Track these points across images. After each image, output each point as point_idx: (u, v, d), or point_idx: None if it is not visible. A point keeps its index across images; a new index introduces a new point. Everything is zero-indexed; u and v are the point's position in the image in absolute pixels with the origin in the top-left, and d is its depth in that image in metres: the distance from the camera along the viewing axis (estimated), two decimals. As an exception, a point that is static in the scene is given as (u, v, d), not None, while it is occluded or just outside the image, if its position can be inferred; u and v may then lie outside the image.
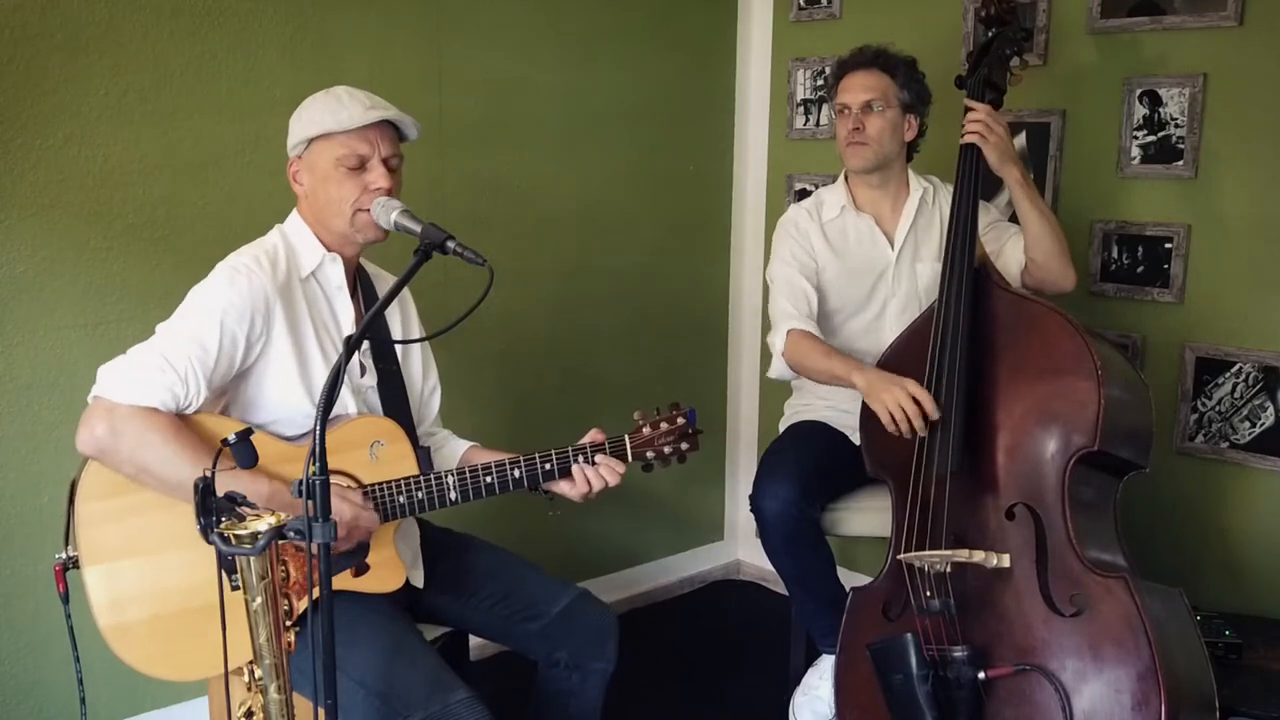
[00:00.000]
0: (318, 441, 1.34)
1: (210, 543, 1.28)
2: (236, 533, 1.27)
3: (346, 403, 1.76)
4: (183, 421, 1.61)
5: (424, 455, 1.80)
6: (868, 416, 2.15)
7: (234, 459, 1.40)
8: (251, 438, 1.42)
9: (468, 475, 1.75)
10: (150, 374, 1.58)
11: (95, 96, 2.14)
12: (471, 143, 2.71)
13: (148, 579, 1.63)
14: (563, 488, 1.82)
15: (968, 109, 2.23)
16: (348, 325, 1.78)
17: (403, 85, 2.56)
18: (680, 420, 1.88)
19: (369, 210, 1.70)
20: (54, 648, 2.20)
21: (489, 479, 1.77)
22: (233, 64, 2.30)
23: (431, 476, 1.74)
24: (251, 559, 1.28)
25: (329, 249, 1.76)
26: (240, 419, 1.69)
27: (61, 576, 1.62)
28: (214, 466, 1.34)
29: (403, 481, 1.72)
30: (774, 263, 2.50)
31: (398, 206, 1.65)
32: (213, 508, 1.30)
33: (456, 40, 2.65)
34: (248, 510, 1.32)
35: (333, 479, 1.64)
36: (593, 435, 1.83)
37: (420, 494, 1.73)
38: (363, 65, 2.48)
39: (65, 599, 1.62)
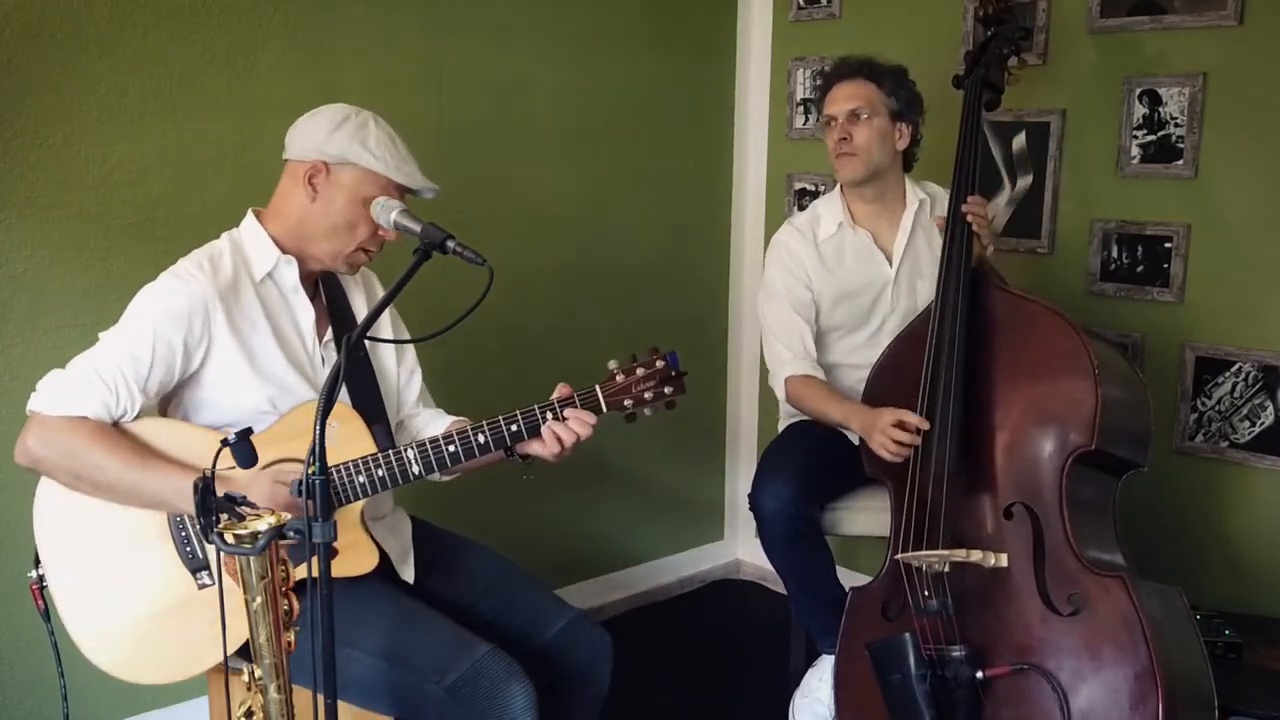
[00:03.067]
0: (318, 442, 1.34)
1: (210, 542, 1.28)
2: (236, 533, 1.28)
3: (305, 394, 1.74)
4: (112, 427, 1.62)
5: (382, 432, 1.76)
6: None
7: (234, 459, 1.40)
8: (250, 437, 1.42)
9: (429, 446, 1.69)
10: (79, 386, 1.61)
11: (95, 96, 2.15)
12: (471, 143, 2.71)
13: (111, 588, 1.65)
14: (535, 449, 1.75)
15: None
16: (307, 324, 1.77)
17: (403, 85, 2.56)
18: (660, 364, 1.76)
19: (368, 251, 1.74)
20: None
21: (451, 448, 1.69)
22: (233, 64, 2.30)
23: (390, 452, 1.69)
24: (251, 559, 1.29)
25: (285, 251, 1.74)
26: (198, 423, 1.70)
27: (39, 594, 1.64)
28: (214, 466, 1.34)
29: (360, 461, 1.68)
30: (767, 299, 2.48)
31: (397, 206, 1.65)
32: (212, 508, 1.30)
33: (456, 40, 2.65)
34: (247, 510, 1.32)
35: (283, 465, 1.64)
36: (561, 390, 1.76)
37: (380, 471, 1.68)
38: (363, 65, 2.48)
39: (46, 616, 1.65)
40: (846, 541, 2.84)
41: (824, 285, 2.43)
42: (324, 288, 1.85)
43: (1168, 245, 2.49)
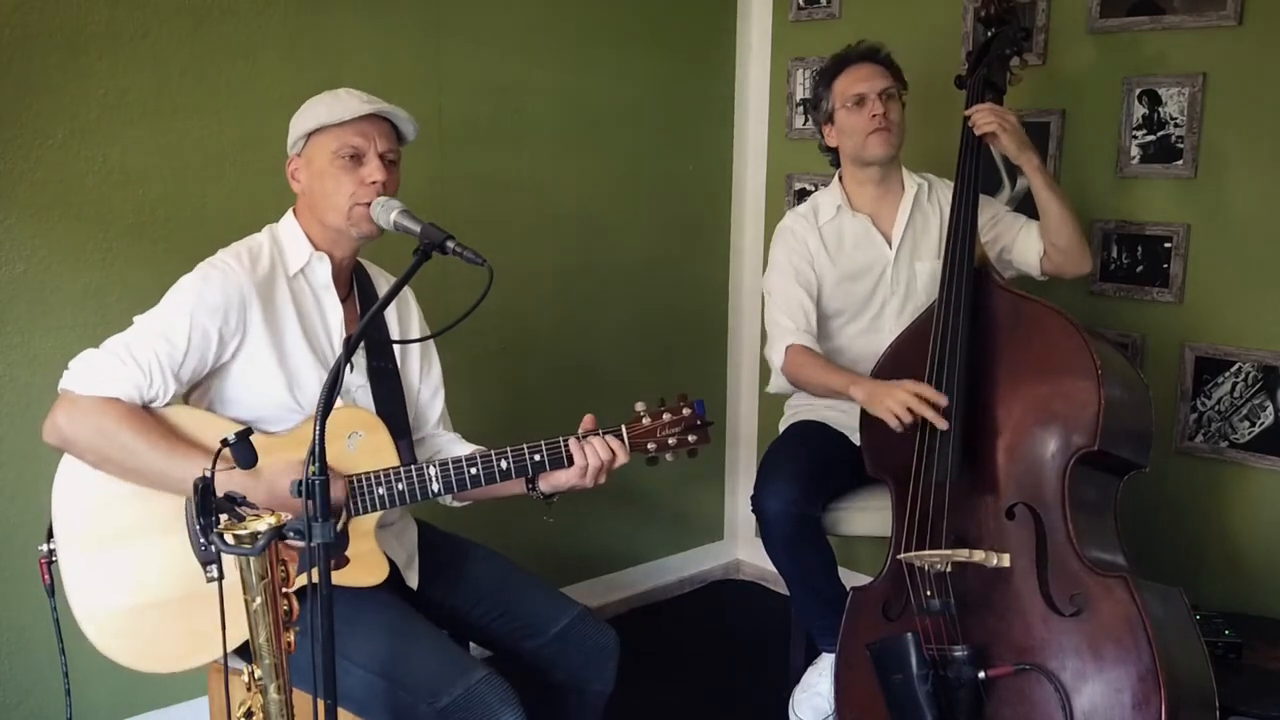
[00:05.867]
0: (318, 441, 1.33)
1: (210, 543, 1.28)
2: (236, 533, 1.27)
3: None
4: (144, 410, 1.62)
5: (406, 447, 1.77)
6: (869, 418, 2.16)
7: (234, 459, 1.40)
8: (250, 437, 1.42)
9: (450, 466, 1.71)
10: (113, 367, 1.60)
11: (95, 96, 2.14)
12: (471, 143, 2.71)
13: (122, 571, 1.64)
14: (562, 479, 1.75)
15: (971, 108, 2.23)
16: (336, 323, 1.78)
17: (403, 85, 2.56)
18: (686, 411, 1.78)
19: (366, 204, 1.69)
20: (54, 649, 2.20)
21: (474, 470, 1.71)
22: (233, 64, 2.30)
23: (412, 468, 1.70)
24: (251, 559, 1.28)
25: (318, 248, 1.76)
26: (224, 416, 1.70)
27: (46, 569, 1.64)
28: (213, 466, 1.34)
29: (382, 473, 1.69)
30: (771, 273, 2.49)
31: (397, 206, 1.65)
32: (212, 508, 1.30)
33: (456, 40, 2.65)
34: (247, 510, 1.32)
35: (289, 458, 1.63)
36: (587, 422, 1.77)
37: (400, 485, 1.68)
38: (363, 65, 2.48)
39: (50, 591, 1.64)
40: (847, 541, 2.84)
41: (825, 267, 2.44)
42: (359, 294, 1.85)
43: (1167, 245, 2.49)
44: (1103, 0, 2.51)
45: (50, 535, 1.66)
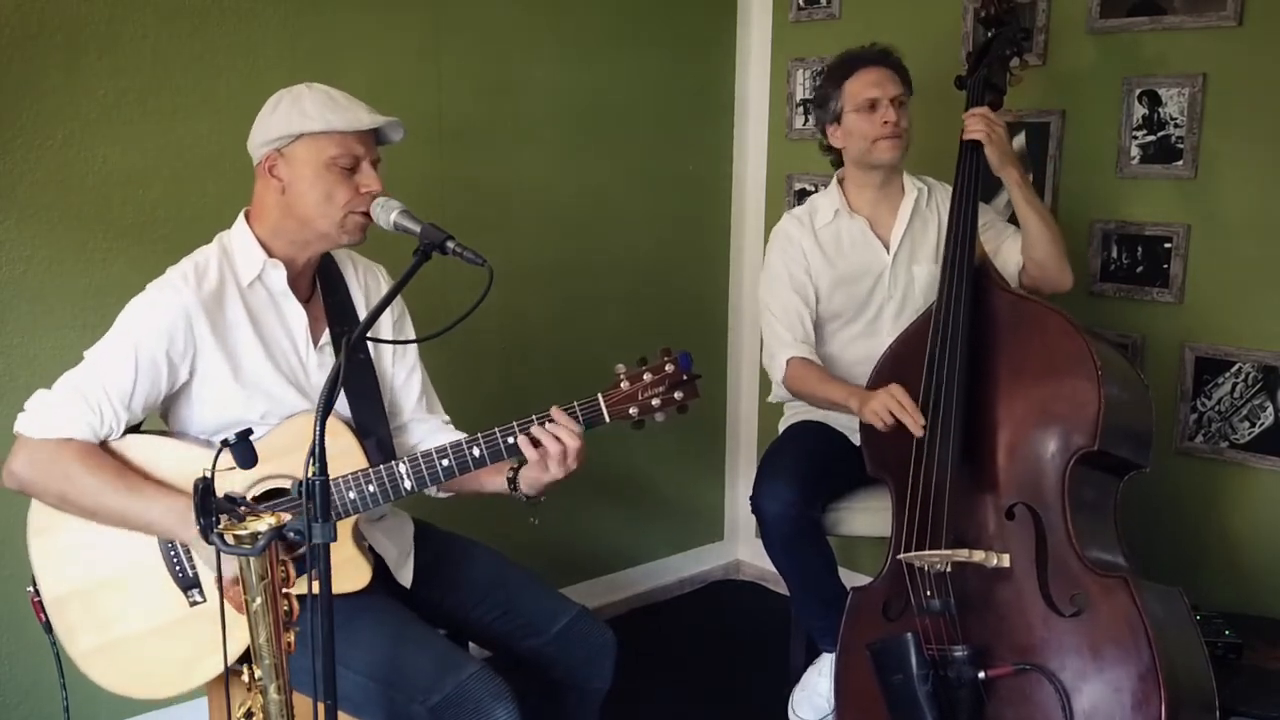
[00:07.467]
0: (318, 442, 1.33)
1: (210, 543, 1.28)
2: (236, 533, 1.27)
3: (295, 404, 1.71)
4: (99, 448, 1.62)
5: (374, 446, 1.73)
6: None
7: (234, 459, 1.39)
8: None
9: (421, 461, 1.65)
10: (62, 408, 1.60)
11: (95, 96, 2.14)
12: (471, 143, 2.71)
13: (103, 606, 1.65)
14: (534, 474, 1.70)
15: (968, 110, 2.23)
16: (300, 328, 1.75)
17: (403, 85, 2.56)
18: (669, 367, 1.67)
19: (361, 213, 1.67)
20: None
21: (445, 461, 1.65)
22: (233, 64, 2.30)
23: (381, 468, 1.66)
24: (251, 559, 1.28)
25: (274, 254, 1.71)
26: (189, 438, 1.70)
27: (39, 609, 1.65)
28: (213, 467, 1.33)
29: (351, 477, 1.66)
30: (767, 281, 2.48)
31: (397, 206, 1.64)
32: (212, 508, 1.30)
33: (456, 40, 2.65)
34: (247, 511, 1.32)
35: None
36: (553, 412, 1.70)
37: (371, 487, 1.65)
38: (363, 65, 2.48)
39: (48, 628, 1.66)
40: (847, 542, 2.84)
41: (822, 271, 2.44)
42: (323, 287, 1.82)
43: (1167, 245, 2.49)
44: (1103, 0, 2.51)
45: (34, 581, 1.67)
